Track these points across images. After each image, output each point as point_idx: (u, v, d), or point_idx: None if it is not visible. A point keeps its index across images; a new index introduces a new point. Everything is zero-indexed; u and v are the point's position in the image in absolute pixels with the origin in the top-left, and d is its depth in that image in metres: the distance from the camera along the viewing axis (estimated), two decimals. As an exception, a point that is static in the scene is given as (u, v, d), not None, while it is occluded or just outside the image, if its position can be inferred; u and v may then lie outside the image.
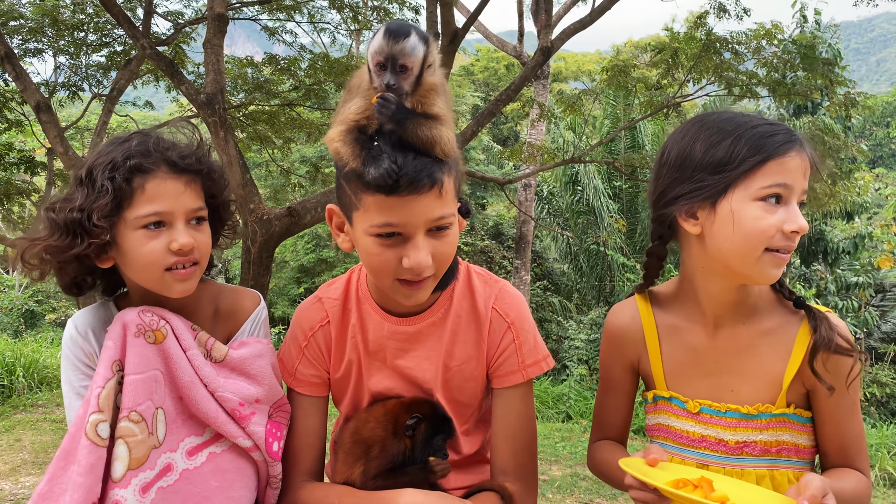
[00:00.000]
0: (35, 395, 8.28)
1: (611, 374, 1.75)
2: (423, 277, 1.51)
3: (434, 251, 1.49)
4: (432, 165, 1.43)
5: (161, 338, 1.52)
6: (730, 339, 1.58)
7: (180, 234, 1.54)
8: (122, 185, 1.52)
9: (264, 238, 4.83)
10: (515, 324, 1.69)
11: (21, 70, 6.03)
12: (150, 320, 1.52)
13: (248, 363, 1.64)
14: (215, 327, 1.72)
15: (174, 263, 1.55)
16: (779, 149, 1.42)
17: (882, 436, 7.66)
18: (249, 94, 8.98)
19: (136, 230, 1.53)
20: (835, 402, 1.52)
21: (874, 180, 19.90)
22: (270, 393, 1.65)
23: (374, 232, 1.47)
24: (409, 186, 1.40)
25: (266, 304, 1.88)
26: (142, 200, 1.53)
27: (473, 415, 1.77)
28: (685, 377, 1.63)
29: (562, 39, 6.93)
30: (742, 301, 1.57)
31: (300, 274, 17.55)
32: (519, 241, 13.67)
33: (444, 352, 1.69)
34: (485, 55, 31.91)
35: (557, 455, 7.06)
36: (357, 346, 1.73)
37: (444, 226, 1.49)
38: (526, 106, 12.24)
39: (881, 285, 17.33)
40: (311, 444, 1.73)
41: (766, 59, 7.77)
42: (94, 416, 1.41)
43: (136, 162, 1.53)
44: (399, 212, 1.43)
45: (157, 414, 1.49)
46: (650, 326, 1.66)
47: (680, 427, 1.62)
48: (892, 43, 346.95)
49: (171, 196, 1.55)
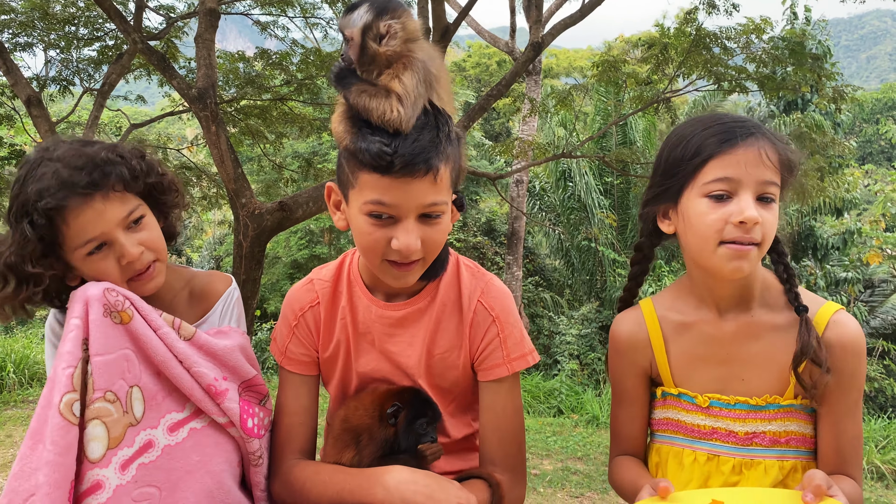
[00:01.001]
0: (26, 391, 8.26)
1: (623, 385, 1.76)
2: (411, 261, 1.54)
3: (424, 237, 1.51)
4: (430, 151, 1.45)
5: (128, 318, 1.49)
6: (736, 329, 1.61)
7: (125, 248, 1.55)
8: (46, 232, 1.51)
9: (256, 232, 4.83)
10: (500, 318, 1.71)
11: (12, 64, 6.00)
12: (114, 300, 1.48)
13: (213, 343, 1.64)
14: (190, 310, 1.76)
15: (133, 275, 1.58)
16: (722, 145, 1.48)
17: (870, 430, 7.74)
18: (241, 89, 8.97)
19: (82, 258, 1.55)
20: (835, 400, 1.54)
21: (863, 176, 20.00)
22: (236, 373, 1.67)
23: (366, 210, 1.49)
24: (404, 168, 1.43)
25: (256, 298, 1.90)
26: (71, 235, 1.52)
27: (456, 400, 1.80)
28: (694, 371, 1.66)
29: (553, 35, 6.95)
30: (742, 292, 1.61)
31: (292, 269, 17.53)
32: (511, 237, 13.70)
33: (427, 339, 1.72)
34: (476, 51, 31.89)
35: (549, 449, 7.09)
36: (346, 327, 1.77)
37: (436, 213, 1.52)
38: (517, 101, 12.26)
39: (870, 281, 17.43)
40: (303, 421, 1.77)
41: (754, 54, 7.81)
42: (69, 395, 1.40)
43: (47, 202, 1.49)
44: (392, 193, 1.46)
45: (132, 392, 1.49)
46: (655, 329, 1.69)
47: (690, 421, 1.65)
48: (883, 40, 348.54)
49: (96, 219, 1.53)
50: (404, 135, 1.45)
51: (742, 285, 1.60)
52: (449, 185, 1.53)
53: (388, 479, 1.51)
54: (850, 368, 1.53)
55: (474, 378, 1.77)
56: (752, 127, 1.50)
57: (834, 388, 1.53)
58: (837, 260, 16.45)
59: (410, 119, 1.47)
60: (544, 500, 5.68)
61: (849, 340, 1.54)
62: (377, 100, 1.47)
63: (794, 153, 1.51)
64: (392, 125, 1.45)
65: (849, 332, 1.54)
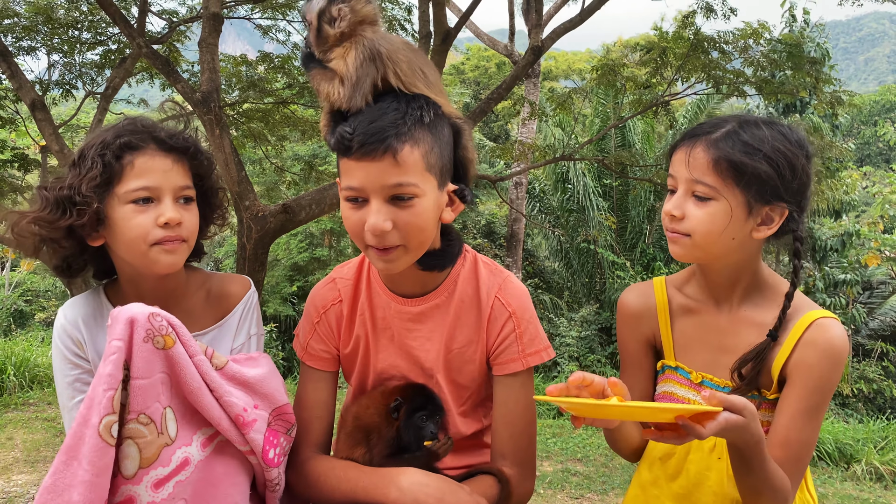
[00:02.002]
0: (26, 394, 8.27)
1: (628, 350, 1.86)
2: (389, 246, 1.57)
3: (396, 219, 1.54)
4: (387, 132, 1.49)
5: (171, 343, 1.51)
6: (730, 320, 1.72)
7: (168, 209, 1.60)
8: (112, 162, 1.59)
9: (259, 235, 4.86)
10: (517, 313, 1.75)
11: (16, 68, 6.03)
12: (158, 325, 1.50)
13: (244, 373, 1.65)
14: (206, 312, 1.78)
15: (161, 239, 1.60)
16: (672, 149, 1.68)
17: (869, 430, 7.77)
18: (244, 92, 9.00)
19: (125, 205, 1.59)
20: (797, 396, 1.59)
21: (861, 178, 20.05)
22: (268, 400, 1.67)
23: (345, 195, 1.57)
24: (360, 149, 1.49)
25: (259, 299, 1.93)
26: (131, 176, 1.60)
27: (472, 397, 1.84)
28: (690, 350, 1.77)
29: (552, 39, 6.99)
30: (731, 287, 1.71)
31: (293, 272, 17.52)
32: (510, 240, 13.73)
33: (446, 334, 1.76)
34: (475, 54, 31.92)
35: (549, 451, 7.11)
36: (365, 323, 1.81)
37: (405, 195, 1.53)
38: (517, 104, 12.30)
39: (868, 283, 17.48)
40: (320, 416, 1.81)
41: (752, 58, 7.84)
42: (108, 417, 1.42)
43: (126, 140, 1.61)
44: (356, 174, 1.52)
45: (167, 413, 1.52)
46: (663, 304, 1.80)
47: (683, 395, 1.75)
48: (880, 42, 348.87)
49: (160, 172, 1.62)
50: (365, 117, 1.51)
51: (731, 281, 1.70)
52: (422, 167, 1.53)
53: (402, 479, 1.55)
54: (820, 371, 1.58)
55: (489, 373, 1.80)
56: (698, 132, 1.64)
57: (798, 384, 1.59)
58: (836, 262, 16.48)
59: (352, 98, 1.53)
60: (544, 501, 5.71)
61: (826, 343, 1.59)
62: (325, 82, 1.55)
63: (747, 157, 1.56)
64: (335, 105, 1.54)
65: (829, 335, 1.59)
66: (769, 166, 1.55)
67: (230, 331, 1.78)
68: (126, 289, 1.73)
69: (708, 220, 1.58)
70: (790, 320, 1.63)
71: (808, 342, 1.60)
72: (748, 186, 1.56)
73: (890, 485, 6.76)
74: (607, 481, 6.18)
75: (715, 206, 1.58)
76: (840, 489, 6.54)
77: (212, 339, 1.76)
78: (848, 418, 11.86)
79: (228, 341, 1.78)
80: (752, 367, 1.63)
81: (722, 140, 1.58)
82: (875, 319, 16.63)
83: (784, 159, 1.57)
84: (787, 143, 1.59)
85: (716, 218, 1.58)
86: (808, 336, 1.60)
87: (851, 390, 13.56)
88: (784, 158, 1.57)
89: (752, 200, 1.57)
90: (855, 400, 13.90)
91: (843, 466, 7.14)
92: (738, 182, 1.56)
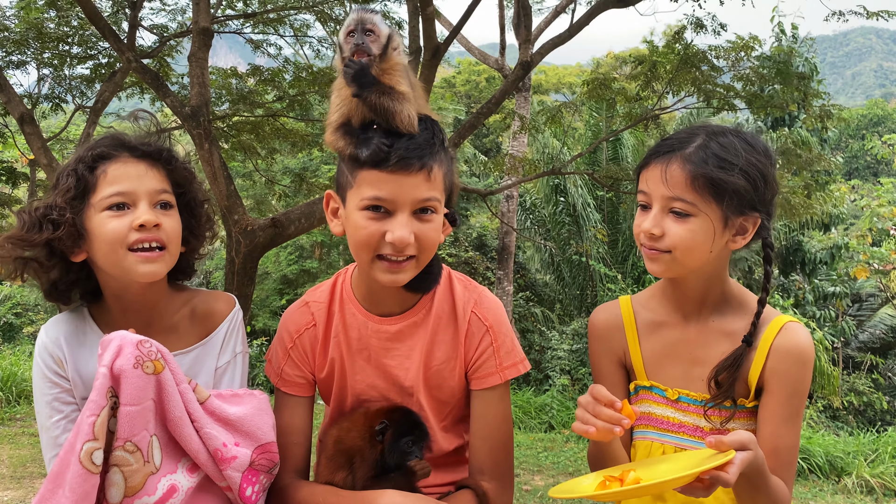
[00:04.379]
0: (13, 409, 8.21)
1: (600, 369, 1.86)
2: (405, 258, 1.60)
3: (417, 232, 1.59)
4: (423, 150, 1.57)
5: (160, 368, 1.50)
6: (697, 333, 1.73)
7: (143, 212, 1.59)
8: (86, 174, 1.60)
9: (248, 249, 4.84)
10: (494, 327, 1.77)
11: (5, 82, 6.01)
12: (148, 350, 1.49)
13: (225, 410, 1.62)
14: (191, 329, 1.75)
15: (137, 241, 1.58)
16: (643, 164, 1.69)
17: (859, 443, 7.78)
18: (234, 105, 8.99)
19: (100, 213, 1.59)
20: (777, 404, 1.63)
21: (850, 192, 20.18)
22: (251, 438, 1.63)
23: (363, 205, 1.58)
24: (399, 162, 1.54)
25: (248, 314, 1.91)
26: (104, 183, 1.60)
27: (452, 412, 1.85)
28: (663, 367, 1.77)
29: (542, 54, 7.03)
30: (700, 300, 1.73)
31: (282, 285, 17.47)
32: (501, 252, 13.72)
33: (424, 351, 1.76)
34: (466, 68, 32.05)
35: (540, 465, 7.10)
36: (339, 345, 1.80)
37: (430, 209, 1.60)
38: (507, 118, 12.33)
39: (857, 295, 17.58)
40: (298, 441, 1.80)
41: (742, 72, 7.90)
42: (89, 444, 1.41)
43: (98, 150, 1.62)
44: (388, 186, 1.55)
45: (153, 441, 1.51)
46: (630, 323, 1.81)
47: (661, 413, 1.76)
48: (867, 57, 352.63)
49: (133, 177, 1.62)
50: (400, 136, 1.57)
51: (701, 293, 1.72)
52: (442, 186, 1.62)
53: (381, 501, 1.56)
54: (793, 375, 1.62)
55: (468, 388, 1.81)
56: (670, 147, 1.64)
57: (776, 392, 1.63)
58: (825, 274, 16.58)
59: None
60: (536, 515, 5.68)
61: (794, 347, 1.63)
62: (399, 103, 1.57)
63: (724, 173, 1.57)
64: (404, 126, 1.57)
65: (797, 339, 1.63)
66: (745, 180, 1.57)
67: (214, 348, 1.76)
68: (111, 304, 1.71)
69: (689, 237, 1.59)
70: (760, 327, 1.66)
71: (780, 349, 1.63)
72: (726, 201, 1.58)
73: (881, 497, 6.77)
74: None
75: (695, 221, 1.59)
76: (831, 502, 6.54)
77: (195, 356, 1.74)
78: (839, 431, 11.88)
79: (212, 359, 1.75)
80: (728, 374, 1.64)
81: (696, 155, 1.59)
82: (864, 332, 16.71)
83: (757, 171, 1.59)
84: (757, 154, 1.61)
85: (696, 234, 1.59)
86: (779, 342, 1.63)
87: (842, 403, 13.58)
88: (756, 170, 1.59)
89: (729, 213, 1.59)
90: (845, 412, 13.92)
91: (834, 479, 7.14)
92: (716, 197, 1.58)
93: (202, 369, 1.74)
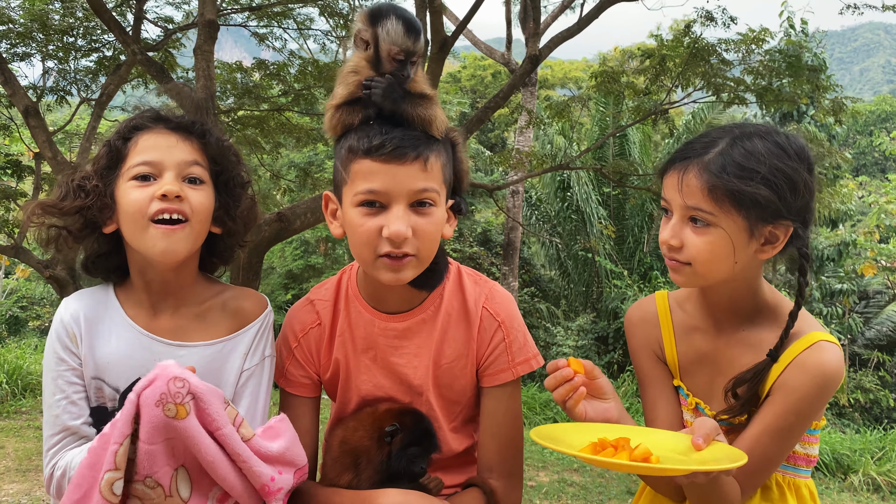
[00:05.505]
0: (18, 402, 8.22)
1: (641, 366, 1.80)
2: (404, 254, 1.54)
3: (415, 226, 1.53)
4: (419, 139, 1.53)
5: (184, 414, 1.40)
6: (727, 342, 1.65)
7: (167, 182, 1.56)
8: (120, 145, 1.60)
9: (254, 243, 4.82)
10: (506, 322, 1.73)
11: (10, 74, 5.99)
12: (175, 391, 1.40)
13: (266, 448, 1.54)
14: (220, 322, 1.71)
15: (159, 211, 1.54)
16: (664, 169, 1.61)
17: (866, 441, 7.75)
18: (239, 99, 8.97)
19: (127, 181, 1.58)
20: (772, 413, 1.53)
21: (857, 188, 20.08)
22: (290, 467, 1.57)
23: (358, 200, 1.53)
24: (393, 151, 1.49)
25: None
26: (134, 153, 1.60)
27: (463, 412, 1.80)
28: (692, 373, 1.71)
29: (549, 48, 6.98)
30: (734, 306, 1.64)
31: (288, 280, 17.45)
32: (507, 248, 13.69)
33: (434, 349, 1.71)
34: (472, 62, 31.94)
35: (545, 461, 7.07)
36: (345, 345, 1.75)
37: (427, 201, 1.54)
38: (514, 112, 12.28)
39: (865, 292, 17.48)
40: (304, 443, 1.72)
41: (753, 66, 7.83)
42: (110, 473, 1.37)
43: (135, 122, 1.63)
44: (382, 178, 1.50)
45: (179, 473, 1.45)
46: (666, 320, 1.75)
47: (682, 415, 1.72)
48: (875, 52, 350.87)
49: (162, 147, 1.60)
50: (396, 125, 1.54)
51: (732, 302, 1.63)
52: (441, 179, 1.57)
53: (382, 500, 1.52)
54: (802, 392, 1.51)
55: (478, 386, 1.77)
56: (689, 152, 1.55)
57: (778, 404, 1.53)
58: (832, 271, 16.48)
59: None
60: (542, 512, 5.66)
61: (816, 365, 1.51)
62: (431, 109, 1.56)
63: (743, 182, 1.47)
64: (443, 132, 1.58)
65: (822, 359, 1.52)
66: (768, 189, 1.47)
67: (242, 347, 1.71)
68: (135, 281, 1.68)
69: (707, 249, 1.51)
70: (791, 339, 1.56)
71: (800, 364, 1.52)
72: (747, 211, 1.48)
73: (887, 495, 6.73)
74: (604, 492, 6.14)
75: (714, 233, 1.50)
76: (837, 500, 6.51)
77: (220, 349, 1.69)
78: (845, 428, 11.83)
79: (238, 358, 1.70)
80: (748, 388, 1.55)
81: (714, 163, 1.49)
82: (871, 329, 16.62)
83: (783, 178, 1.48)
84: (786, 158, 1.49)
85: (715, 246, 1.50)
86: (802, 358, 1.53)
87: (848, 400, 13.54)
88: (783, 177, 1.48)
89: (753, 223, 1.49)
90: (851, 410, 13.88)
91: (841, 477, 7.11)
92: (737, 208, 1.48)
93: (225, 365, 1.69)
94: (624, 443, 1.36)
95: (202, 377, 1.59)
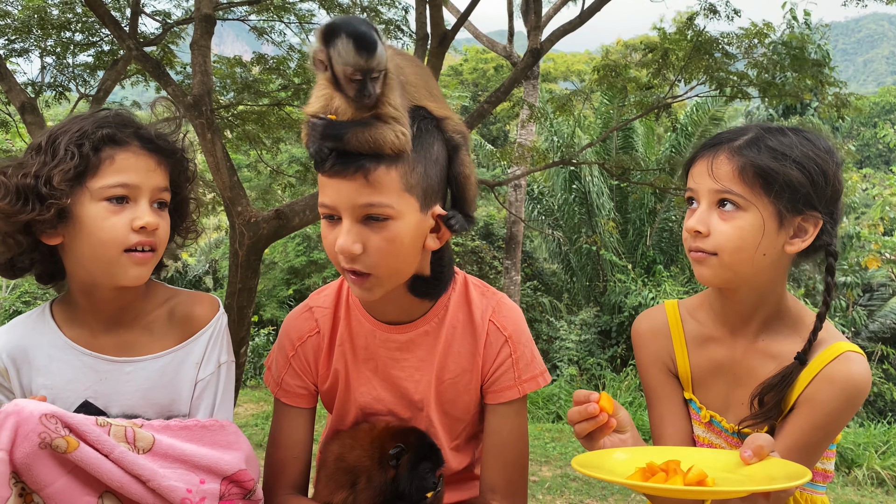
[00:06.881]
0: (21, 398, 8.21)
1: (648, 380, 1.73)
2: (359, 272, 1.45)
3: (367, 242, 1.43)
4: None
5: (74, 445, 1.31)
6: (745, 351, 1.59)
7: (145, 212, 1.47)
8: (90, 154, 1.44)
9: (252, 241, 4.77)
10: (513, 337, 1.65)
11: (6, 70, 5.94)
12: (53, 427, 1.29)
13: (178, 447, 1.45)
14: (168, 331, 1.62)
15: (135, 244, 1.47)
16: (691, 160, 1.57)
17: (870, 435, 7.72)
18: (238, 94, 8.91)
19: (97, 202, 1.45)
20: (797, 429, 1.48)
21: (861, 181, 19.98)
22: (214, 472, 1.47)
23: (322, 213, 1.47)
24: (334, 167, 1.40)
25: (252, 308, 1.82)
26: (109, 171, 1.46)
27: (466, 430, 1.73)
28: (707, 385, 1.64)
29: (551, 41, 6.90)
30: (754, 312, 1.57)
31: (289, 275, 17.42)
32: (509, 242, 13.65)
33: (437, 363, 1.64)
34: (473, 56, 31.85)
35: (548, 456, 7.06)
36: (344, 355, 1.68)
37: (377, 216, 1.42)
38: (516, 106, 12.23)
39: (868, 285, 17.43)
40: (297, 455, 1.69)
41: (756, 60, 7.77)
42: None
43: (109, 132, 1.48)
44: (329, 192, 1.44)
45: (104, 499, 1.37)
46: (678, 331, 1.67)
47: (693, 430, 1.66)
48: (879, 43, 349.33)
49: (142, 171, 1.49)
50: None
51: (753, 307, 1.57)
52: (400, 189, 1.42)
53: None
54: (831, 408, 1.46)
55: (482, 403, 1.69)
56: (718, 140, 1.53)
57: (804, 419, 1.47)
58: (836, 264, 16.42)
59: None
60: (544, 509, 5.64)
61: (845, 379, 1.46)
62: (378, 129, 1.40)
63: (776, 162, 1.45)
64: (403, 148, 1.41)
65: (850, 371, 1.47)
66: (800, 172, 1.45)
67: (194, 357, 1.62)
68: (78, 300, 1.58)
69: (736, 235, 1.45)
70: (816, 349, 1.50)
71: (827, 377, 1.47)
72: (779, 194, 1.45)
73: (892, 490, 6.71)
74: (607, 487, 6.11)
75: (743, 217, 1.45)
76: (841, 494, 6.48)
77: (168, 362, 1.60)
78: (849, 422, 11.80)
79: (191, 368, 1.61)
80: (774, 394, 1.49)
81: (746, 147, 1.47)
82: (875, 322, 16.58)
83: (815, 164, 1.46)
84: (816, 149, 1.48)
85: (745, 232, 1.45)
86: (829, 370, 1.47)
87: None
88: (815, 164, 1.46)
89: (784, 210, 1.45)
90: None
91: (844, 471, 7.09)
92: (768, 190, 1.45)
93: (176, 377, 1.60)
94: (674, 465, 1.26)
95: (153, 392, 1.54)
